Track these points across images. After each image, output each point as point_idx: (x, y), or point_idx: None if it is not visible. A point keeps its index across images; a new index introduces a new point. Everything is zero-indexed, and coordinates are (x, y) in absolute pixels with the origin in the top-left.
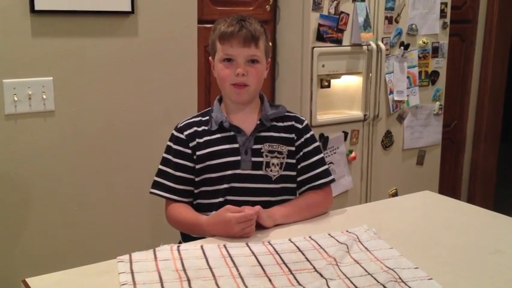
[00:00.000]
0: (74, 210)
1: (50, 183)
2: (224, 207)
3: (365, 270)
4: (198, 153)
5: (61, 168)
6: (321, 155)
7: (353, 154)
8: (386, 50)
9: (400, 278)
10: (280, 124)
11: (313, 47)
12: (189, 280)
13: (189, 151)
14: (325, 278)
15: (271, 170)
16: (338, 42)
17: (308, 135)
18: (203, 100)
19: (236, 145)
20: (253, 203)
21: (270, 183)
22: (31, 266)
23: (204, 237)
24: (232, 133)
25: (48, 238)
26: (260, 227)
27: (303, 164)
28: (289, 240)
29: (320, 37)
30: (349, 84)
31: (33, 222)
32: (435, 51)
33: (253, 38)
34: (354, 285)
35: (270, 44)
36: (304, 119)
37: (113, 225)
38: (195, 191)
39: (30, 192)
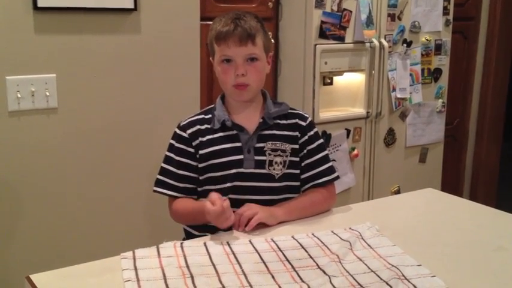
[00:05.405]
0: (77, 206)
1: (52, 180)
2: (209, 197)
3: (368, 267)
4: (200, 152)
5: (64, 165)
6: (325, 153)
7: (355, 151)
8: (389, 47)
9: (403, 275)
10: (284, 122)
11: (316, 44)
12: (192, 277)
13: (191, 150)
14: (328, 275)
15: (274, 169)
16: (341, 39)
17: (312, 133)
18: (206, 97)
19: (239, 144)
20: (256, 202)
21: (273, 181)
22: (34, 264)
23: (206, 235)
24: (234, 132)
25: (51, 235)
26: (263, 224)
27: (306, 161)
28: (292, 237)
29: (323, 34)
30: (352, 81)
31: (35, 219)
32: (438, 48)
33: (249, 36)
34: (357, 282)
35: (272, 40)
36: (308, 116)
37: (116, 222)
38: (199, 189)
39: (33, 188)
